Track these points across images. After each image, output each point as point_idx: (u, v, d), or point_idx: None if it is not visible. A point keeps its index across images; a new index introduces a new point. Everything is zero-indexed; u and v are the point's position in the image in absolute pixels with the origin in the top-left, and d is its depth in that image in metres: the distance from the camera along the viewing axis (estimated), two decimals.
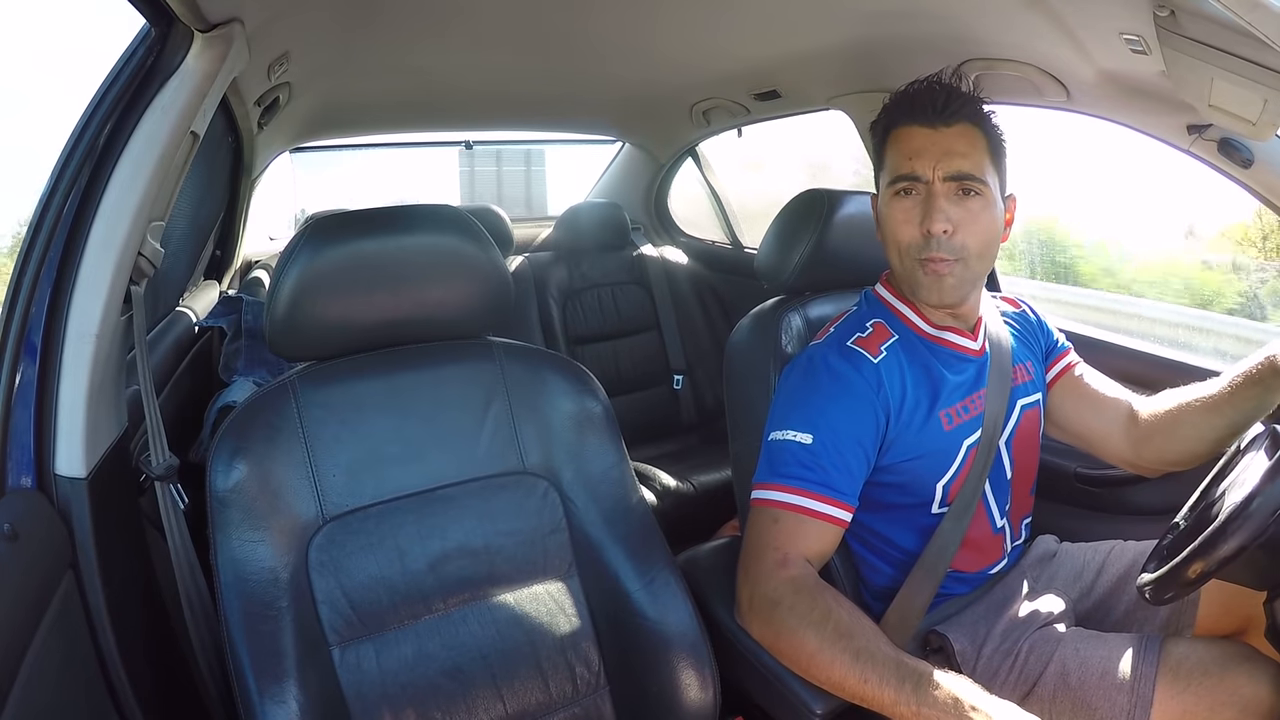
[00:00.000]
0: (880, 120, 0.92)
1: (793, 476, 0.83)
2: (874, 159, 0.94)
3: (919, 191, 0.86)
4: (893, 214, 0.87)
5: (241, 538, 0.74)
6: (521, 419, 0.88)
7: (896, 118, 0.89)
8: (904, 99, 0.89)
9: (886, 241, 0.90)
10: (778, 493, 0.83)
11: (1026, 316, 1.05)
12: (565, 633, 0.85)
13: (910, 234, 0.86)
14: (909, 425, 0.87)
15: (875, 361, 0.87)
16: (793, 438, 0.84)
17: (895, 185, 0.87)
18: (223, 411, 1.26)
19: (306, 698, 0.71)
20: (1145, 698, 0.76)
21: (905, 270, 0.88)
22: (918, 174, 0.85)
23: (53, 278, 0.74)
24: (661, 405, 2.15)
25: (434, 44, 1.38)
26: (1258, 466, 0.66)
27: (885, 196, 0.89)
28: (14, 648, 0.60)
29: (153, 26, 0.80)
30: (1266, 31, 0.64)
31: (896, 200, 0.87)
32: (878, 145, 0.93)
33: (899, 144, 0.88)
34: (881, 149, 0.91)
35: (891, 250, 0.89)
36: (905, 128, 0.88)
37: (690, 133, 2.16)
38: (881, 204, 0.90)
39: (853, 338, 0.90)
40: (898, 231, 0.87)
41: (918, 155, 0.86)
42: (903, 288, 0.92)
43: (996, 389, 0.92)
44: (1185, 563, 0.66)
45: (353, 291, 0.81)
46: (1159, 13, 0.80)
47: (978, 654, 0.87)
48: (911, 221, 0.86)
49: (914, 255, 0.86)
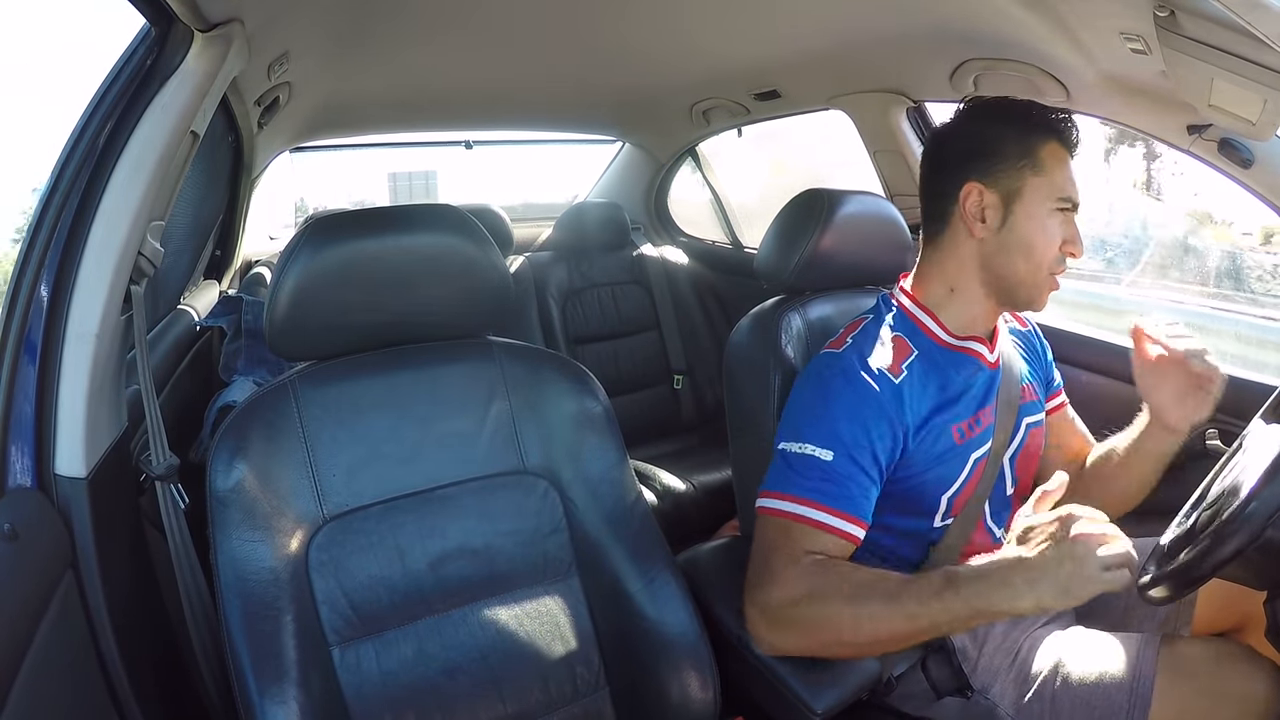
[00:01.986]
0: (1038, 121, 0.88)
1: (810, 490, 0.81)
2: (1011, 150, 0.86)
3: (1069, 216, 0.87)
4: (1050, 229, 0.86)
5: (241, 538, 0.74)
6: (521, 419, 0.88)
7: (1063, 136, 0.88)
8: (1071, 125, 0.88)
9: (1032, 249, 0.86)
10: (792, 504, 0.81)
11: (1032, 340, 1.05)
12: (565, 633, 0.85)
13: (1056, 251, 0.87)
14: (924, 441, 0.86)
15: (897, 382, 0.85)
16: (812, 452, 0.82)
17: (1063, 202, 0.87)
18: (223, 411, 1.26)
19: (306, 698, 0.71)
20: (1144, 697, 0.76)
21: (1035, 280, 0.88)
22: (1078, 202, 0.87)
23: (53, 278, 0.74)
24: (661, 405, 2.15)
25: (434, 44, 1.38)
26: (1256, 468, 0.66)
27: (1043, 209, 0.86)
28: (14, 648, 0.60)
29: (153, 26, 0.80)
30: (1266, 31, 0.64)
31: (1057, 215, 0.87)
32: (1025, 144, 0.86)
33: (1064, 165, 0.87)
34: (1037, 155, 0.86)
35: (1032, 259, 0.87)
36: (1062, 149, 0.88)
37: (690, 133, 2.16)
38: (1035, 214, 0.86)
39: (873, 354, 0.87)
40: (1049, 246, 0.87)
41: (1076, 185, 0.88)
42: (1010, 296, 0.90)
43: (1005, 404, 0.92)
44: (1184, 564, 0.66)
45: (353, 291, 0.81)
46: (1159, 13, 0.80)
47: (978, 652, 0.88)
48: (1057, 240, 0.87)
49: (1050, 270, 0.87)
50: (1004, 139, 0.87)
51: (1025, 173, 0.86)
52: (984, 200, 0.87)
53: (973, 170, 0.87)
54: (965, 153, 0.89)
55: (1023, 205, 0.86)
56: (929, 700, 0.88)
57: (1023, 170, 0.86)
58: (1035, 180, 0.86)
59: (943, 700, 0.87)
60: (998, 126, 0.88)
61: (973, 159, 0.88)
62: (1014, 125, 0.88)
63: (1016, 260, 0.87)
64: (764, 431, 0.98)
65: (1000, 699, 0.84)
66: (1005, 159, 0.86)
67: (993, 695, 0.85)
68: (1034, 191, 0.86)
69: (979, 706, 0.85)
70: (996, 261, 0.88)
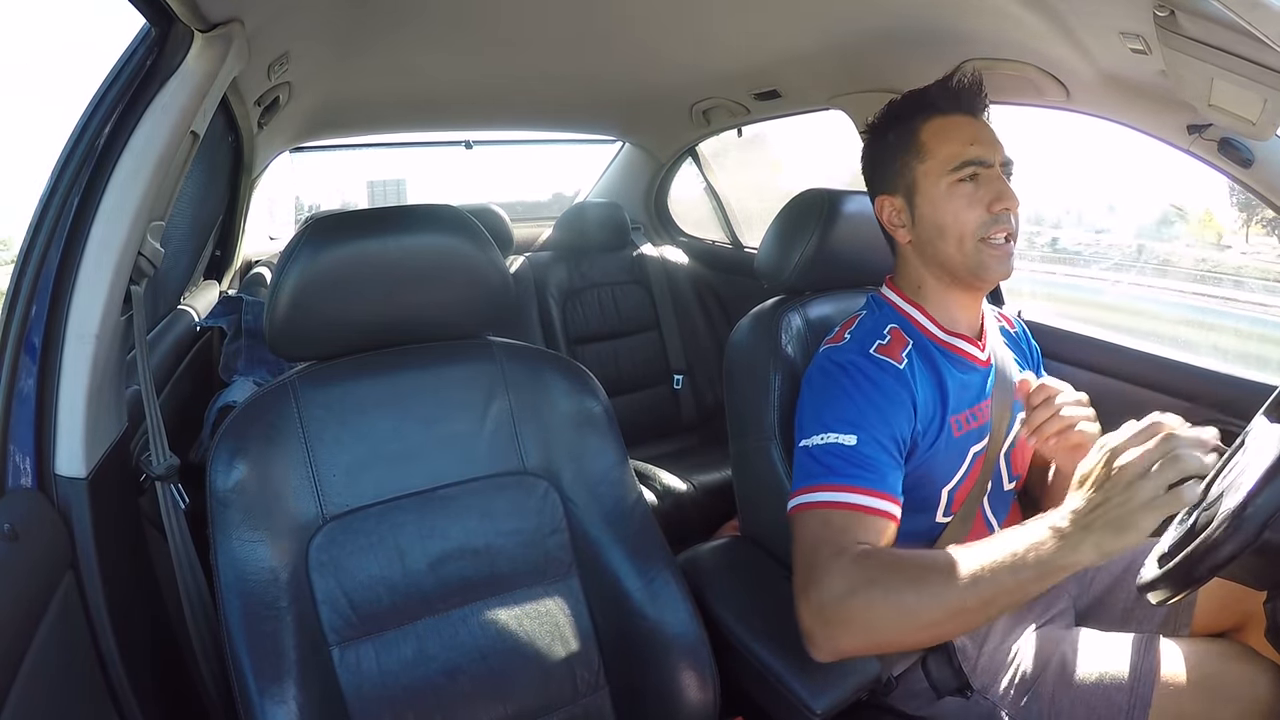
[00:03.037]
0: (905, 111, 0.90)
1: (841, 475, 0.78)
2: (898, 154, 0.91)
3: (981, 176, 0.86)
4: (954, 199, 0.86)
5: (241, 538, 0.74)
6: (521, 419, 0.88)
7: (939, 107, 0.88)
8: (948, 90, 0.89)
9: (942, 231, 0.87)
10: (825, 493, 0.78)
11: (1021, 344, 1.06)
12: (565, 633, 0.85)
13: (977, 215, 0.86)
14: (926, 430, 0.87)
15: (900, 368, 0.86)
16: (835, 440, 0.80)
17: (960, 171, 0.86)
18: (223, 411, 1.26)
19: (306, 698, 0.71)
20: (1144, 698, 0.76)
21: (967, 255, 0.87)
22: (984, 158, 0.86)
23: (53, 278, 0.74)
24: (661, 405, 2.15)
25: (434, 44, 1.38)
26: (1255, 468, 0.66)
27: (940, 185, 0.87)
28: (14, 648, 0.60)
29: (153, 26, 0.80)
30: (1266, 31, 0.64)
31: (960, 186, 0.86)
32: (905, 138, 0.90)
33: (950, 132, 0.87)
34: (915, 140, 0.89)
35: (949, 239, 0.87)
36: (950, 117, 0.88)
37: (690, 133, 2.16)
38: (934, 192, 0.87)
39: (874, 345, 0.88)
40: (963, 216, 0.86)
41: (977, 141, 0.86)
42: (954, 275, 0.90)
43: (1000, 399, 0.93)
44: (1183, 564, 0.66)
45: (353, 291, 0.81)
46: (1159, 12, 0.80)
47: (979, 652, 0.88)
48: (977, 204, 0.86)
49: (978, 236, 0.86)
50: (888, 145, 0.92)
51: (911, 164, 0.90)
52: (894, 207, 0.92)
53: (878, 187, 0.94)
54: (870, 176, 0.96)
55: (921, 194, 0.89)
56: (929, 700, 0.88)
57: (909, 163, 0.90)
58: (922, 166, 0.89)
59: (943, 700, 0.87)
60: (882, 138, 0.93)
61: (876, 178, 0.94)
62: (892, 127, 0.92)
63: (939, 245, 0.89)
64: (764, 431, 0.98)
65: (1000, 699, 0.84)
66: (894, 161, 0.91)
67: (992, 695, 0.85)
68: (924, 177, 0.89)
69: (979, 706, 0.85)
70: (928, 253, 0.91)
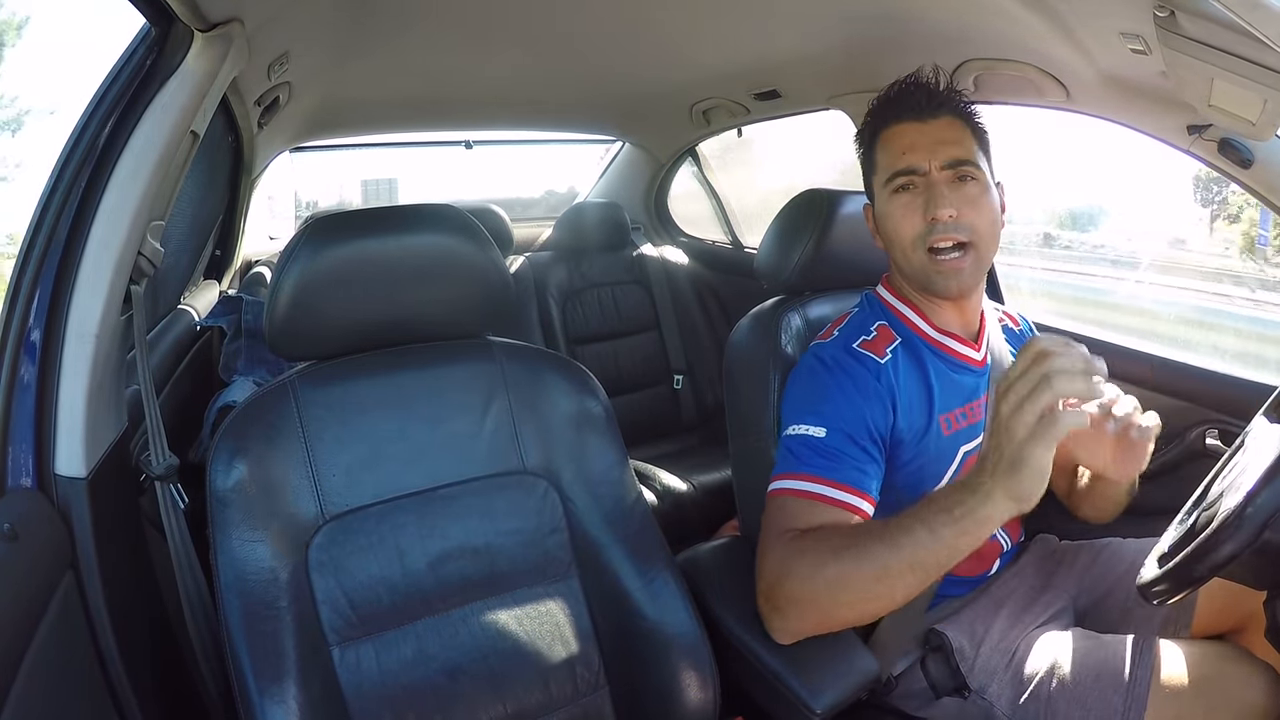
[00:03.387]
0: (867, 126, 0.93)
1: (805, 464, 0.81)
2: (865, 166, 0.95)
3: (917, 185, 0.86)
4: (892, 211, 0.87)
5: (241, 538, 0.74)
6: (521, 419, 0.88)
7: (885, 118, 0.89)
8: (888, 99, 0.90)
9: (891, 242, 0.89)
10: (790, 481, 0.81)
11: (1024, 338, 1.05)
12: (565, 633, 0.85)
13: (914, 225, 0.86)
14: (910, 427, 0.87)
15: (882, 362, 0.87)
16: (805, 431, 0.83)
17: (893, 182, 0.87)
18: (223, 411, 1.26)
19: (306, 698, 0.71)
20: (1140, 699, 0.76)
21: (914, 267, 0.87)
22: (915, 166, 0.86)
23: (53, 277, 0.74)
24: (661, 405, 2.15)
25: (434, 44, 1.38)
26: (1255, 469, 0.66)
27: (883, 196, 0.89)
28: (14, 648, 0.60)
29: (153, 26, 0.80)
30: (1266, 31, 0.64)
31: (896, 197, 0.87)
32: (867, 152, 0.93)
33: (890, 143, 0.88)
34: (871, 154, 0.92)
35: (896, 250, 0.89)
36: (894, 126, 0.88)
37: (690, 133, 2.16)
38: (880, 205, 0.90)
39: (858, 340, 0.89)
40: (900, 227, 0.87)
41: (911, 149, 0.86)
42: (912, 286, 0.91)
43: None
44: (1183, 564, 0.66)
45: (353, 291, 0.81)
46: (1159, 13, 0.80)
47: (976, 652, 0.88)
48: (913, 214, 0.86)
49: (921, 247, 0.85)
50: (863, 158, 0.95)
51: (870, 176, 0.93)
52: (870, 215, 0.95)
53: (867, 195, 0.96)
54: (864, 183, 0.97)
55: (877, 205, 0.92)
56: (928, 700, 0.88)
57: (869, 175, 0.93)
58: (875, 178, 0.92)
59: (941, 700, 0.88)
60: (860, 150, 0.95)
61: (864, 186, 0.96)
62: (863, 141, 0.94)
63: (894, 254, 0.91)
64: (764, 431, 0.98)
65: (997, 699, 0.84)
66: (865, 171, 0.94)
67: (990, 695, 0.85)
68: (877, 189, 0.91)
69: (976, 706, 0.85)
70: (892, 262, 0.93)
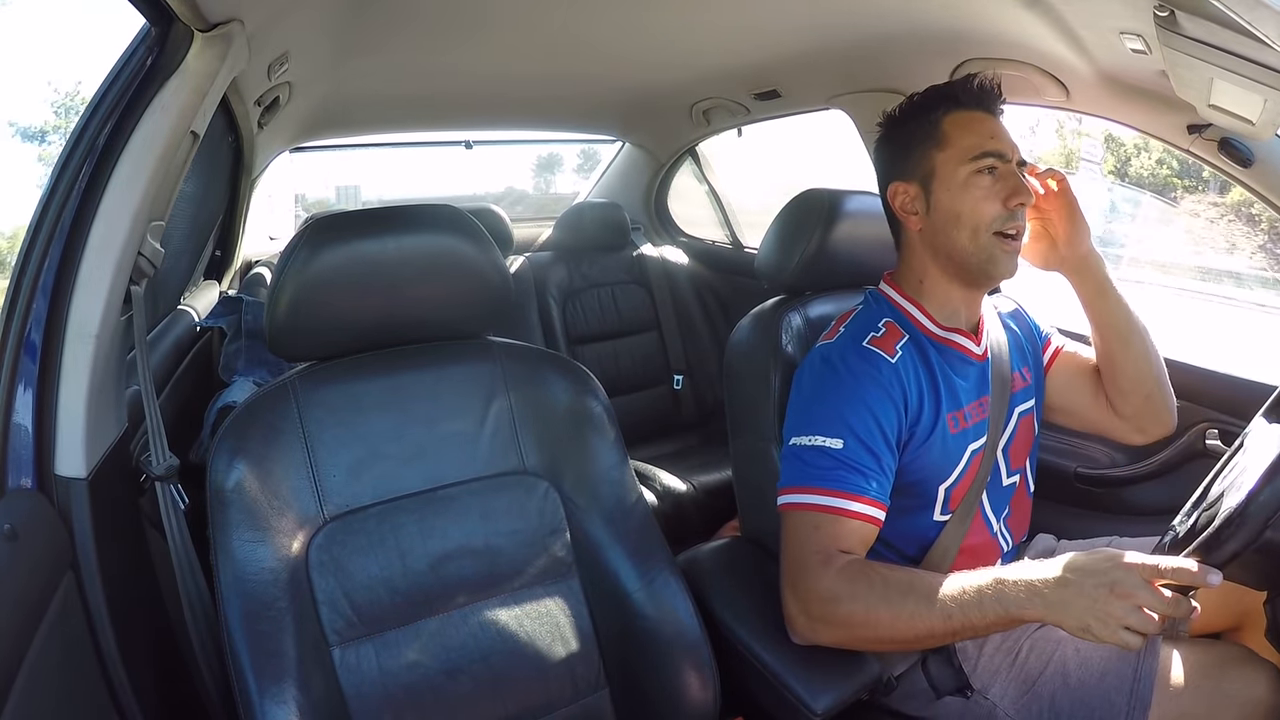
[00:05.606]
0: (932, 103, 0.91)
1: (829, 479, 0.82)
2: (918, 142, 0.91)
3: (1000, 170, 0.87)
4: (973, 192, 0.87)
5: (242, 538, 0.74)
6: (522, 419, 0.88)
7: (960, 101, 0.89)
8: (964, 87, 0.90)
9: (958, 220, 0.87)
10: (814, 496, 0.82)
11: (1021, 317, 1.06)
12: (565, 633, 0.85)
13: (994, 208, 0.86)
14: (920, 426, 0.87)
15: (893, 361, 0.87)
16: (822, 443, 0.83)
17: (980, 161, 0.86)
18: (223, 411, 1.26)
19: (306, 698, 0.71)
20: (1143, 699, 0.76)
21: (979, 246, 0.87)
22: (1002, 152, 0.87)
23: (53, 278, 0.74)
24: (661, 405, 2.15)
25: (434, 44, 1.38)
26: (1255, 468, 0.66)
27: (960, 175, 0.87)
28: (14, 648, 0.60)
29: (153, 26, 0.80)
30: (1266, 31, 0.64)
31: (978, 178, 0.87)
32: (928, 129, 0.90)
33: (972, 126, 0.88)
34: (937, 130, 0.89)
35: (964, 230, 0.87)
36: (972, 112, 0.89)
37: (690, 133, 2.16)
38: (954, 182, 0.88)
39: (867, 337, 0.89)
40: (980, 207, 0.86)
41: (996, 136, 0.87)
42: (960, 268, 0.90)
43: (998, 396, 0.93)
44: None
45: (353, 291, 0.81)
46: (1159, 13, 0.80)
47: (979, 652, 0.88)
48: (995, 197, 0.86)
49: (993, 230, 0.86)
50: (909, 133, 0.92)
51: (931, 152, 0.89)
52: (907, 193, 0.92)
53: (893, 174, 0.93)
54: (886, 162, 0.95)
55: (938, 181, 0.89)
56: (929, 700, 0.88)
57: (928, 151, 0.90)
58: (942, 154, 0.89)
59: (943, 700, 0.87)
60: (904, 126, 0.93)
61: (892, 164, 0.94)
62: (914, 117, 0.92)
63: (952, 234, 0.89)
64: (764, 431, 0.98)
65: (1000, 699, 0.84)
66: (913, 149, 0.91)
67: (993, 695, 0.85)
68: (944, 165, 0.88)
69: (979, 706, 0.85)
70: (938, 243, 0.90)
